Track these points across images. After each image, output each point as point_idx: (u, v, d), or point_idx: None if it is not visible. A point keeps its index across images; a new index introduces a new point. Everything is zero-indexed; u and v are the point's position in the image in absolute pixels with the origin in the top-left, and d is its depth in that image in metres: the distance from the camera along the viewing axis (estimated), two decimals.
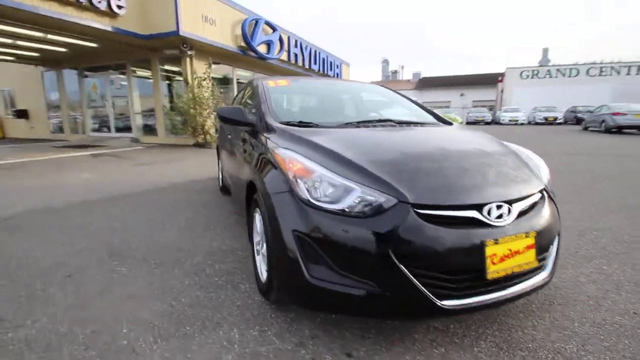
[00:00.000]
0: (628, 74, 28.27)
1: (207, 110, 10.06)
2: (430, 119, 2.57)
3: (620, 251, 2.44)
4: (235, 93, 11.10)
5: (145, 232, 2.90)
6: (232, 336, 1.50)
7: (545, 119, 23.27)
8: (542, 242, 1.41)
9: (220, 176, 4.29)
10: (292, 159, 1.53)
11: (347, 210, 1.30)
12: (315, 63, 14.99)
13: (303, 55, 13.87)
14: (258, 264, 1.85)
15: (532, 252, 1.36)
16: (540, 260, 1.43)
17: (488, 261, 1.27)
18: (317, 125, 2.02)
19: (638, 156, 7.39)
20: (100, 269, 2.23)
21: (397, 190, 1.32)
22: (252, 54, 11.12)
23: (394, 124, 2.23)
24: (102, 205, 3.84)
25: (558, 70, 31.02)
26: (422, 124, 2.37)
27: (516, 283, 1.38)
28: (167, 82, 11.02)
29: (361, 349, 1.41)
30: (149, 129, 11.31)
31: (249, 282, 2.00)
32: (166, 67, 10.67)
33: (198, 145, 10.35)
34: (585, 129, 15.95)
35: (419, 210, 1.27)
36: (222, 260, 2.35)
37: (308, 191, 1.38)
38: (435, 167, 1.47)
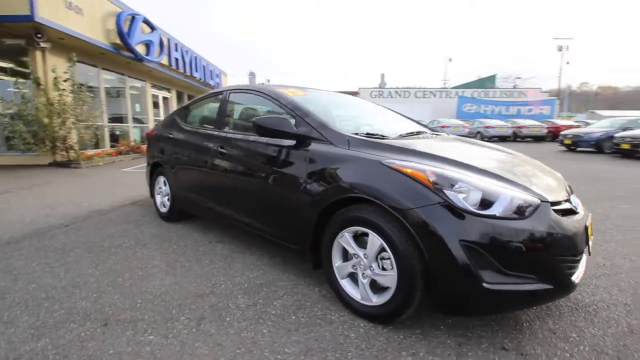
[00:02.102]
0: (440, 97, 37.60)
1: (71, 120, 7.99)
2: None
3: None
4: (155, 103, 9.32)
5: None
6: None
7: None
8: None
9: (165, 200, 3.56)
10: (431, 171, 1.56)
11: (504, 214, 1.44)
12: (197, 70, 13.91)
13: (184, 60, 12.68)
14: (363, 290, 1.75)
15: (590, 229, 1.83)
16: None
17: (590, 238, 1.64)
18: (383, 137, 2.06)
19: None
20: None
21: (534, 192, 1.55)
22: (128, 54, 9.48)
23: (434, 134, 2.51)
24: None
25: (396, 91, 38.45)
26: (438, 133, 2.70)
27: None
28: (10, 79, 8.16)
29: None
30: None
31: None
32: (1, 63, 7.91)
33: (57, 164, 8.08)
34: None
35: (553, 207, 1.54)
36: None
37: (465, 200, 1.45)
38: (525, 171, 1.78)
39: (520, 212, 1.47)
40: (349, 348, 1.55)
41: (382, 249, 1.65)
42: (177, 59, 12.03)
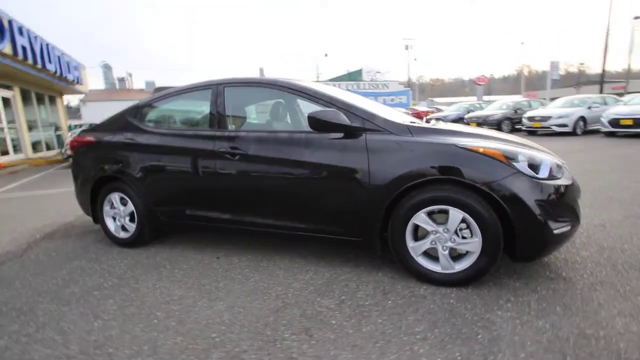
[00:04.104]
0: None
1: None
2: None
3: None
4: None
5: None
6: None
7: None
8: None
9: (126, 221, 2.92)
10: (496, 147, 1.86)
11: (551, 175, 1.87)
12: (50, 62, 11.02)
13: (34, 49, 9.88)
14: None
15: None
16: None
17: None
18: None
19: None
20: None
21: (555, 156, 2.03)
22: None
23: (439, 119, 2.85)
24: None
25: None
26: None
27: None
28: None
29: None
30: None
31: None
32: None
33: None
34: None
35: None
36: None
37: (530, 168, 1.82)
38: (531, 144, 2.28)
39: (559, 172, 1.93)
40: (460, 311, 1.75)
41: (462, 221, 1.89)
42: (24, 47, 9.25)
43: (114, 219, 3.02)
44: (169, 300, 2.05)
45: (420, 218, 1.96)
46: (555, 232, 1.82)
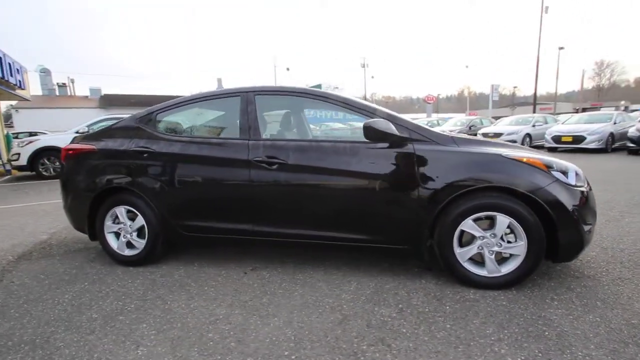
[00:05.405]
0: None
1: None
2: None
3: None
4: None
5: None
6: None
7: None
8: None
9: (133, 237, 2.66)
10: (536, 156, 2.03)
11: (577, 182, 2.07)
12: None
13: None
14: None
15: None
16: None
17: None
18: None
19: None
20: None
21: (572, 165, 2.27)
22: None
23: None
24: None
25: None
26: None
27: None
28: None
29: None
30: None
31: None
32: None
33: None
34: None
35: None
36: None
37: (566, 177, 2.00)
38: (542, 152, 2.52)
39: (580, 179, 2.15)
40: (517, 312, 1.84)
41: (507, 226, 2.01)
42: None
43: (117, 235, 2.74)
44: (215, 320, 1.90)
45: (468, 224, 2.05)
46: (587, 232, 2.02)
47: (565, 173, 2.07)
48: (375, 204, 2.18)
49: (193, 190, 2.53)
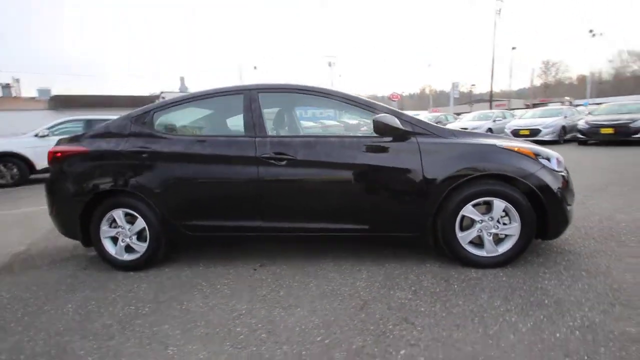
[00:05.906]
0: None
1: None
2: None
3: None
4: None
5: None
6: None
7: None
8: None
9: (133, 240, 2.58)
10: (526, 146, 2.25)
11: (559, 168, 2.32)
12: None
13: None
14: None
15: None
16: None
17: None
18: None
19: None
20: None
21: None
22: None
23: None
24: None
25: None
26: None
27: None
28: None
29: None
30: None
31: None
32: None
33: None
34: None
35: None
36: None
37: (550, 163, 2.24)
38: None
39: (562, 165, 2.40)
40: (517, 285, 2.05)
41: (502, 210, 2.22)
42: None
43: (115, 239, 2.64)
44: (239, 315, 1.92)
45: (469, 210, 2.24)
46: (570, 211, 2.27)
47: (549, 159, 2.31)
48: (384, 194, 2.31)
49: (198, 190, 2.51)
